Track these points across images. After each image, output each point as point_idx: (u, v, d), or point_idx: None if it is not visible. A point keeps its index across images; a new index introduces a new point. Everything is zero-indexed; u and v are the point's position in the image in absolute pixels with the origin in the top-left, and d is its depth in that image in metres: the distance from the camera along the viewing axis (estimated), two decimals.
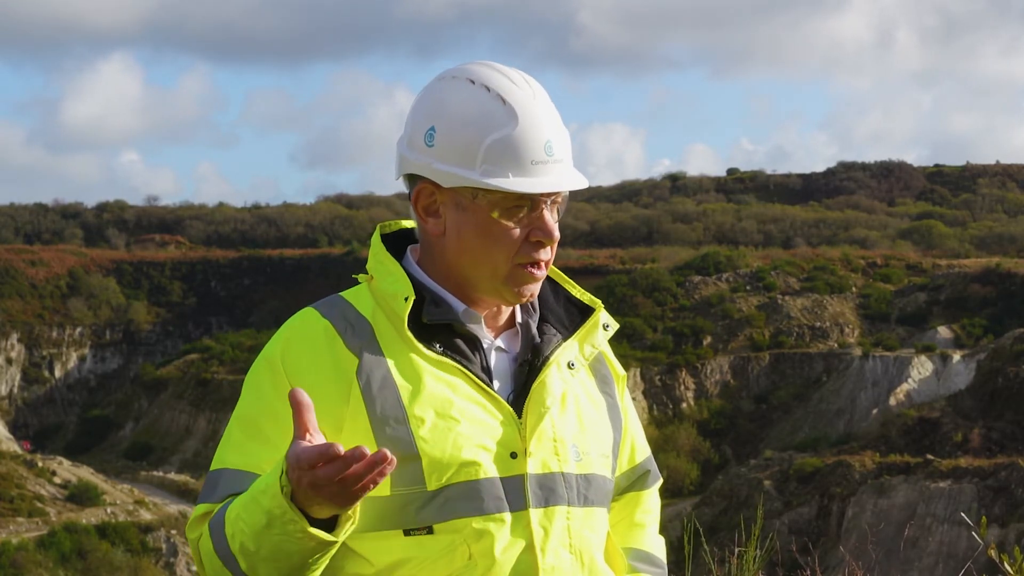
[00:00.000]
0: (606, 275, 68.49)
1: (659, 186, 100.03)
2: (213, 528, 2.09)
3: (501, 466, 2.14)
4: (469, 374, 2.17)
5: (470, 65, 2.22)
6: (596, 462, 2.25)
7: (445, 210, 2.20)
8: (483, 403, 2.16)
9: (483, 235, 2.18)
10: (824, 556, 17.68)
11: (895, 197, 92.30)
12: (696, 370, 59.64)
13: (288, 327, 2.23)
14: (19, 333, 78.17)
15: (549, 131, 2.16)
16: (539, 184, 2.15)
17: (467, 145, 2.15)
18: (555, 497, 2.17)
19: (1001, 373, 44.28)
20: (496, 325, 2.27)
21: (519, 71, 2.22)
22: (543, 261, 2.22)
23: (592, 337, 2.32)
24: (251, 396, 2.20)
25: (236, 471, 2.14)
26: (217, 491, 2.14)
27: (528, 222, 2.19)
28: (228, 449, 2.18)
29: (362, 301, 2.24)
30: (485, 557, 2.11)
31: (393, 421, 2.11)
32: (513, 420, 2.17)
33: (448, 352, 2.18)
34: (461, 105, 2.17)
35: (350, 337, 2.17)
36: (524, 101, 2.16)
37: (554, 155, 2.16)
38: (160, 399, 70.10)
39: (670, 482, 51.63)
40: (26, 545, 39.76)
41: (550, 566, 2.15)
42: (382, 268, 2.25)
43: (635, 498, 2.48)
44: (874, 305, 63.80)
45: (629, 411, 2.43)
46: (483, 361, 2.21)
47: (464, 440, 2.12)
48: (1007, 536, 31.21)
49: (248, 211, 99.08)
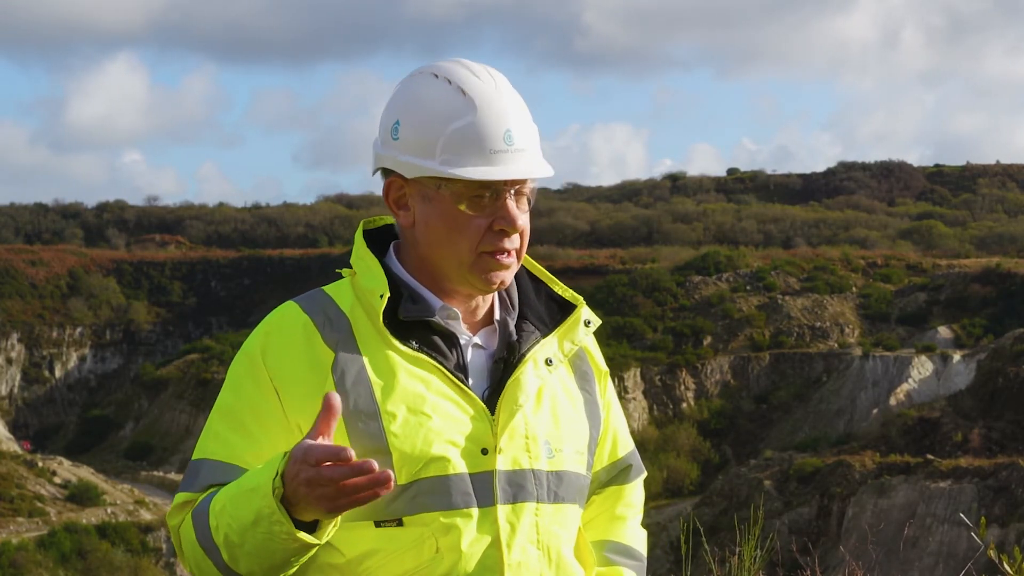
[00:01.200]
0: (606, 275, 68.47)
1: (659, 186, 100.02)
2: (196, 518, 2.14)
3: (471, 462, 2.17)
4: (444, 370, 2.20)
5: (439, 61, 2.26)
6: (569, 459, 2.27)
7: (413, 202, 2.24)
8: (456, 399, 2.19)
9: (448, 225, 2.20)
10: (824, 556, 17.67)
11: (895, 197, 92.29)
12: (696, 370, 59.64)
13: (268, 322, 2.27)
14: (19, 333, 78.17)
15: (510, 121, 2.19)
16: (497, 172, 2.17)
17: (428, 136, 2.19)
18: (524, 494, 2.20)
19: (1001, 373, 44.27)
20: (474, 322, 2.29)
21: (487, 67, 2.25)
22: (509, 250, 2.23)
23: (572, 334, 2.33)
24: (232, 389, 2.24)
25: (217, 462, 2.18)
26: (198, 480, 2.19)
27: (492, 211, 2.20)
28: (209, 439, 2.22)
29: (343, 296, 2.27)
30: (452, 551, 2.14)
31: (365, 416, 2.15)
32: (485, 416, 2.19)
33: (424, 348, 2.21)
34: (423, 98, 2.21)
35: (328, 332, 2.21)
36: (484, 92, 2.19)
37: (514, 144, 2.19)
38: (160, 399, 70.11)
39: (670, 482, 51.64)
40: (26, 545, 39.76)
41: (516, 561, 2.18)
42: (362, 264, 2.28)
43: (617, 492, 2.48)
44: (874, 305, 63.79)
45: (612, 406, 2.44)
46: (459, 358, 2.24)
47: (435, 436, 2.15)
48: (1007, 536, 31.21)
49: (248, 211, 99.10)
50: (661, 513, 47.63)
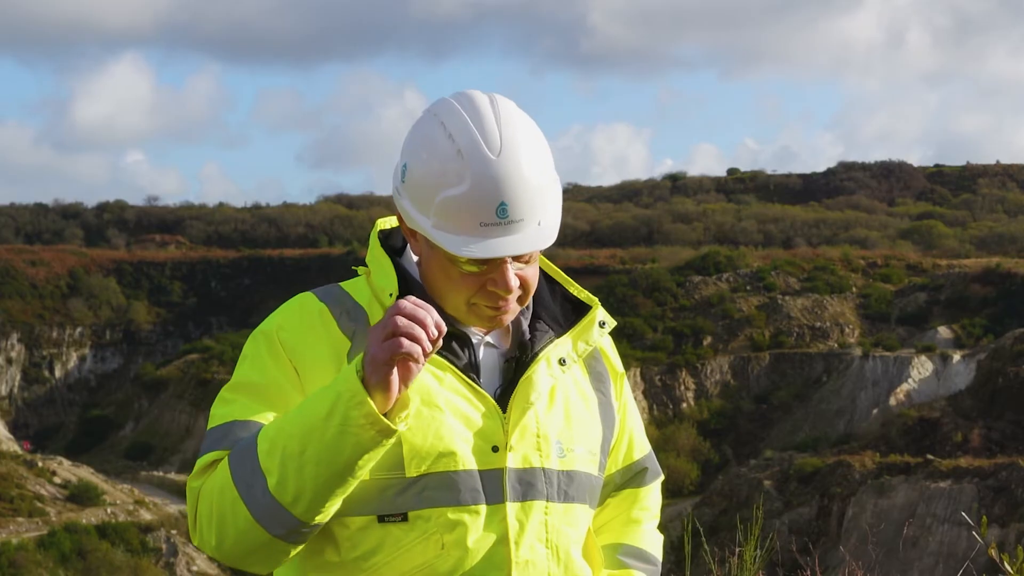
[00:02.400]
0: (606, 275, 68.49)
1: (659, 186, 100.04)
2: (235, 457, 2.10)
3: (480, 459, 2.17)
4: (455, 369, 2.20)
5: (456, 102, 2.18)
6: (581, 459, 2.27)
7: (420, 238, 2.24)
8: (468, 396, 2.19)
9: (443, 275, 2.20)
10: (824, 556, 17.66)
11: (895, 197, 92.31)
12: (696, 370, 59.64)
13: (286, 306, 2.29)
14: (19, 333, 78.18)
15: (507, 193, 2.11)
16: (484, 248, 2.12)
17: (424, 194, 2.16)
18: (533, 492, 2.20)
19: (1001, 373, 44.29)
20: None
21: (504, 114, 2.16)
22: (504, 305, 2.21)
23: (587, 334, 2.33)
24: (252, 365, 2.23)
25: (246, 421, 2.17)
26: (228, 438, 2.16)
27: (487, 271, 2.18)
28: (231, 406, 2.20)
29: (360, 292, 2.29)
30: (457, 547, 2.14)
31: None
32: (497, 414, 2.20)
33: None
34: (426, 152, 2.16)
35: (344, 321, 2.23)
36: (483, 159, 2.11)
37: (508, 216, 2.12)
38: (160, 399, 70.11)
39: (670, 482, 51.60)
40: (26, 545, 39.76)
41: (524, 560, 2.18)
42: (376, 263, 2.29)
43: (632, 494, 2.49)
44: (874, 305, 63.80)
45: (628, 408, 2.45)
46: (471, 356, 2.24)
47: (446, 431, 2.16)
48: (1007, 536, 31.21)
49: (248, 211, 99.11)
50: (661, 513, 47.62)
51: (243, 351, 2.27)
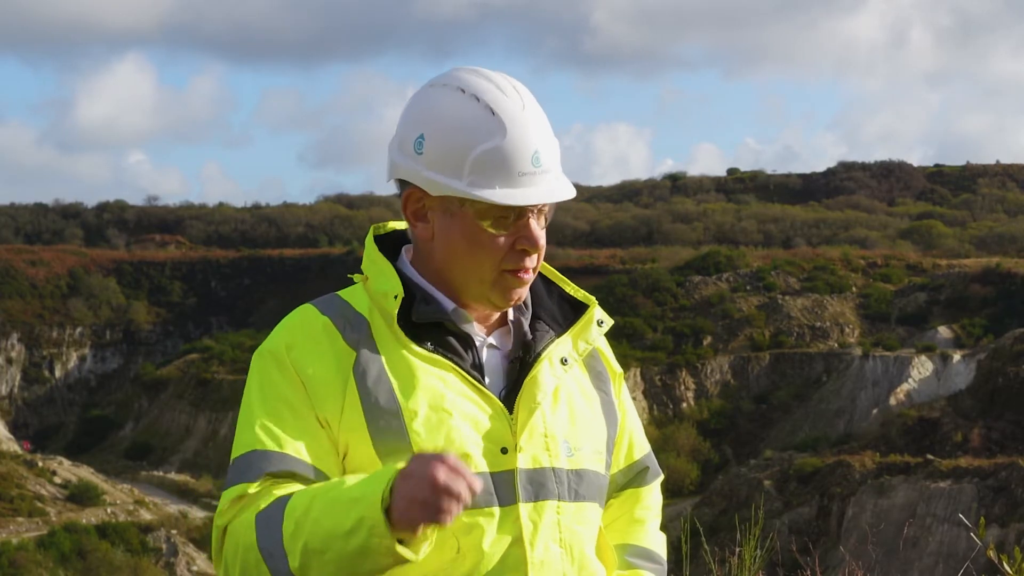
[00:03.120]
0: (606, 275, 68.48)
1: (659, 186, 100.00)
2: (262, 522, 2.08)
3: (491, 461, 2.17)
4: (460, 371, 2.20)
5: (460, 72, 2.23)
6: (588, 458, 2.28)
7: (433, 215, 2.23)
8: (474, 399, 2.19)
9: (470, 242, 2.20)
10: (824, 556, 17.65)
11: (895, 197, 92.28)
12: (696, 370, 59.65)
13: (288, 322, 2.27)
14: (19, 333, 78.19)
15: (537, 142, 2.18)
16: (526, 195, 2.17)
17: (455, 155, 2.17)
18: (545, 492, 2.20)
19: (1001, 373, 44.29)
20: (488, 323, 2.30)
21: (509, 79, 2.23)
22: (529, 268, 2.23)
23: (586, 333, 2.34)
24: (263, 387, 2.21)
25: (267, 451, 2.15)
26: (251, 471, 2.14)
27: (515, 231, 2.20)
28: (253, 432, 2.17)
29: (358, 300, 2.28)
30: (473, 550, 2.14)
31: (387, 414, 2.15)
32: (504, 416, 2.20)
33: (439, 349, 2.21)
34: (450, 114, 2.18)
35: (348, 333, 2.21)
36: (513, 112, 2.17)
37: (541, 166, 2.18)
38: (160, 399, 70.11)
39: (670, 482, 51.61)
40: (26, 545, 39.76)
41: (539, 560, 2.18)
42: (375, 268, 2.29)
43: (634, 494, 2.49)
44: (874, 305, 63.80)
45: (627, 408, 2.45)
46: (475, 358, 2.24)
47: (456, 434, 2.15)
48: (1007, 536, 31.21)
49: (248, 211, 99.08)
50: (661, 513, 47.63)
51: (251, 371, 2.25)
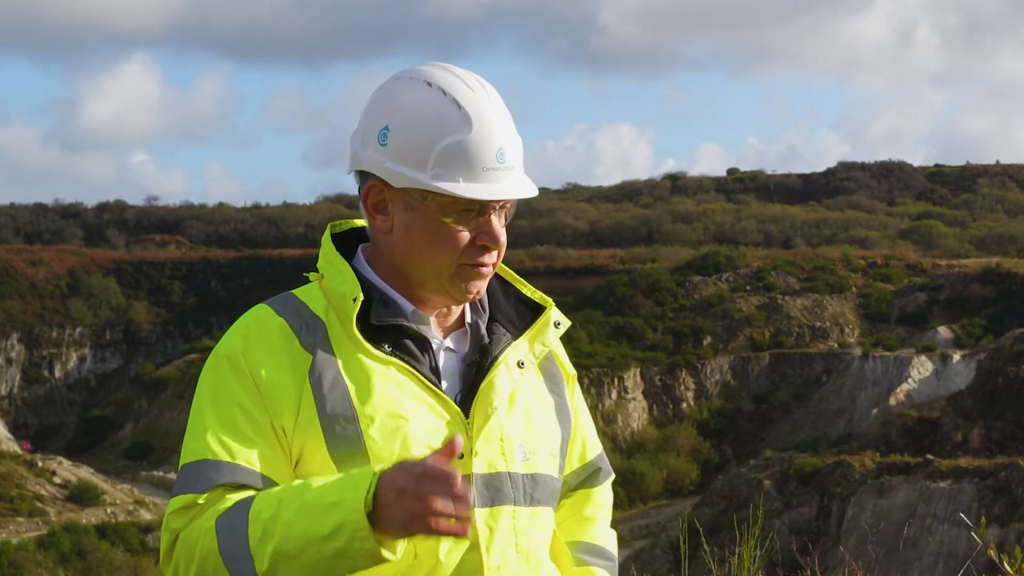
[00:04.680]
0: (606, 275, 68.51)
1: (659, 186, 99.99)
2: (223, 526, 2.05)
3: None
4: (417, 374, 2.18)
5: (427, 67, 2.23)
6: (543, 461, 2.27)
7: (394, 208, 2.21)
8: (431, 403, 2.17)
9: (430, 236, 2.18)
10: (824, 556, 17.66)
11: (895, 197, 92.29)
12: (696, 370, 59.66)
13: (243, 324, 2.23)
14: (19, 333, 78.19)
15: (502, 138, 2.18)
16: (490, 191, 2.16)
17: (420, 147, 2.16)
18: (501, 497, 2.18)
19: (1001, 373, 44.30)
20: (445, 325, 2.28)
21: (475, 75, 2.23)
22: (489, 263, 2.22)
23: (543, 335, 2.32)
24: (217, 392, 2.17)
25: (221, 462, 2.12)
26: (200, 481, 2.10)
27: (476, 226, 2.19)
28: (203, 440, 2.14)
29: (314, 300, 2.25)
30: (430, 556, 2.12)
31: (343, 420, 2.12)
32: (460, 420, 2.18)
33: (396, 352, 2.18)
34: (416, 107, 2.18)
35: (304, 335, 2.19)
36: (479, 107, 2.17)
37: (506, 162, 2.18)
38: (160, 399, 70.13)
39: (670, 482, 51.67)
40: (26, 545, 39.77)
41: (495, 565, 2.17)
42: (332, 268, 2.27)
43: (586, 495, 2.48)
44: (874, 305, 63.81)
45: (580, 409, 2.44)
46: (432, 361, 2.22)
47: (412, 440, 2.13)
48: (1007, 536, 31.21)
49: (248, 211, 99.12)
50: (661, 513, 47.62)
51: (204, 372, 2.21)
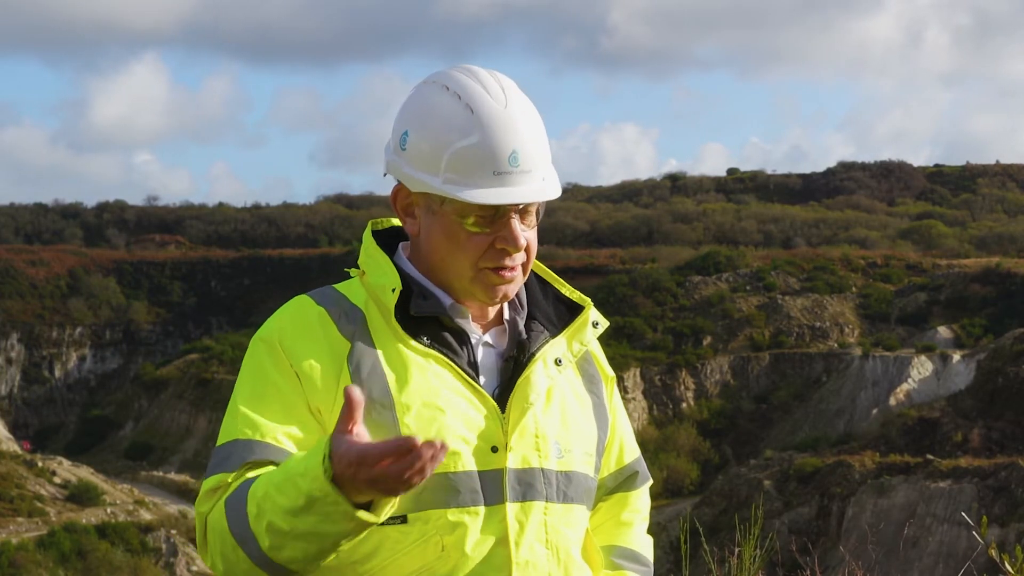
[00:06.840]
0: (606, 275, 68.50)
1: (659, 186, 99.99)
2: (230, 506, 2.07)
3: (480, 459, 2.16)
4: (455, 367, 2.19)
5: (452, 70, 2.24)
6: (578, 460, 2.27)
7: (419, 211, 2.24)
8: (468, 396, 2.19)
9: (449, 240, 2.20)
10: (824, 556, 17.68)
11: (895, 197, 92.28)
12: (696, 370, 59.65)
13: (284, 311, 2.26)
14: (19, 333, 78.20)
15: (516, 142, 2.16)
16: (500, 195, 2.15)
17: (432, 152, 2.17)
18: (533, 492, 2.19)
19: (1001, 373, 44.28)
20: (484, 321, 2.29)
21: (501, 79, 2.22)
22: (510, 267, 2.22)
23: (581, 334, 2.34)
24: (253, 375, 2.21)
25: (249, 440, 2.14)
26: (231, 460, 2.13)
27: (495, 229, 2.19)
28: (236, 422, 2.17)
29: (355, 293, 2.28)
30: (457, 549, 2.13)
31: (379, 406, 2.14)
32: (496, 415, 2.19)
33: (435, 345, 2.21)
34: (432, 112, 2.19)
35: (343, 324, 2.21)
36: (492, 111, 2.17)
37: (519, 166, 2.16)
38: (160, 399, 70.11)
39: (670, 482, 51.63)
40: (26, 545, 39.75)
41: (524, 560, 2.17)
42: (372, 262, 2.29)
43: (623, 498, 2.49)
44: (874, 305, 63.80)
45: (618, 412, 2.45)
46: (470, 355, 2.23)
47: (447, 431, 2.14)
48: (1007, 536, 31.19)
49: (248, 211, 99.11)
50: (661, 513, 47.62)
51: (245, 358, 2.25)
